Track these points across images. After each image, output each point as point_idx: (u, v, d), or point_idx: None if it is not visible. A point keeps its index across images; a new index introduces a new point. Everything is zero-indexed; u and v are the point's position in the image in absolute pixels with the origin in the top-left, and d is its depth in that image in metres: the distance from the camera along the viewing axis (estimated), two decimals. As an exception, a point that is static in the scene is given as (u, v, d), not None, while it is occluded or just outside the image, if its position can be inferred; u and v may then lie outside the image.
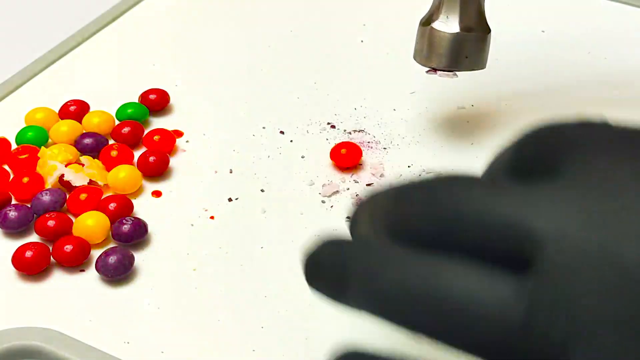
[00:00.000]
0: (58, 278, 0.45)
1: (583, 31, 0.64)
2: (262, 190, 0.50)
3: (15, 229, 0.47)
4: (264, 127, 0.55)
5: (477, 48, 0.51)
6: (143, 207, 0.49)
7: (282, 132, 0.54)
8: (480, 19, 0.51)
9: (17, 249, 0.45)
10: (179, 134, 0.55)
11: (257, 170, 0.52)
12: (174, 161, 0.52)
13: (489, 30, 0.51)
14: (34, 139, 0.52)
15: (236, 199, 0.50)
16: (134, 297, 0.44)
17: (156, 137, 0.53)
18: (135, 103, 0.56)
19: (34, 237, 0.47)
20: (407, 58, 0.51)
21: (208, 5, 0.67)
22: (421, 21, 0.51)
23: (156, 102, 0.56)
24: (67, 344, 0.41)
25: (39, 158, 0.51)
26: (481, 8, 0.51)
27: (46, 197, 0.48)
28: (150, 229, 0.47)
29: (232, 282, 0.45)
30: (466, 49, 0.50)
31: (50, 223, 0.46)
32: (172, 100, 0.57)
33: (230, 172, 0.51)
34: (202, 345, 0.42)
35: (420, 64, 0.51)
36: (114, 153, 0.51)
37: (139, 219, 0.47)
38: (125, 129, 0.53)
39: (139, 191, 0.50)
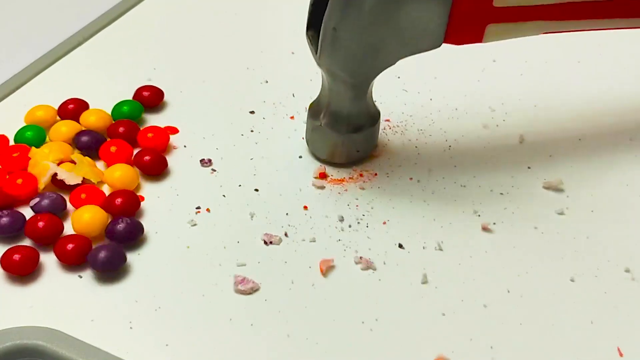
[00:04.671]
0: (59, 278, 0.44)
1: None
2: (256, 190, 0.49)
3: (7, 234, 0.45)
4: (253, 127, 0.54)
5: (367, 140, 0.50)
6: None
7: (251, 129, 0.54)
8: (368, 111, 0.49)
9: (5, 252, 0.44)
10: (173, 130, 0.54)
11: (252, 168, 0.51)
12: (167, 159, 0.51)
13: (379, 115, 0.50)
14: (32, 139, 0.51)
15: (224, 196, 0.49)
16: (134, 295, 0.43)
17: (150, 135, 0.52)
18: (130, 101, 0.55)
19: (28, 241, 0.46)
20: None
21: (205, 6, 0.67)
22: (311, 106, 0.50)
23: (150, 99, 0.55)
24: (68, 343, 0.40)
25: (30, 158, 0.49)
26: (368, 100, 0.49)
27: (45, 202, 0.47)
28: (147, 227, 0.46)
29: (231, 279, 0.44)
30: (356, 145, 0.50)
31: (40, 225, 0.45)
32: (169, 99, 0.56)
33: (214, 171, 0.51)
34: (202, 341, 0.41)
35: (314, 154, 0.51)
36: (113, 149, 0.50)
37: (134, 220, 0.46)
38: (121, 128, 0.52)
39: (135, 189, 0.49)
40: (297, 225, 0.47)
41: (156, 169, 0.50)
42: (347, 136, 0.49)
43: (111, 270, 0.44)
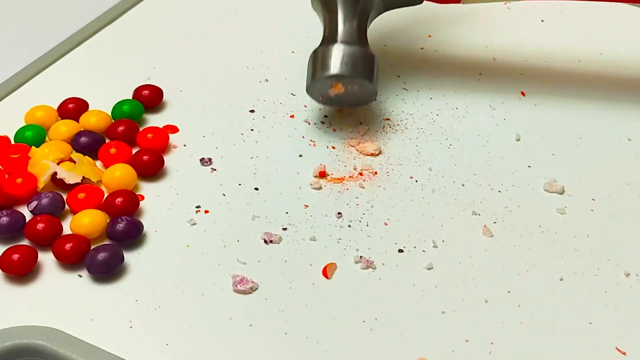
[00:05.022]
0: (59, 277, 0.44)
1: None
2: (256, 189, 0.49)
3: (6, 235, 0.45)
4: (253, 126, 0.54)
5: (359, 60, 0.50)
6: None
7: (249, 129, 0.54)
8: (361, 41, 0.51)
9: (3, 252, 0.44)
10: (173, 129, 0.54)
11: (252, 167, 0.51)
12: (167, 159, 0.51)
13: (373, 54, 0.51)
14: (32, 138, 0.51)
15: (224, 195, 0.49)
16: (134, 295, 0.43)
17: (149, 135, 0.51)
18: (130, 100, 0.54)
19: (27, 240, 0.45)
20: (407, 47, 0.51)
21: (205, 6, 0.66)
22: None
23: (149, 98, 0.55)
24: (68, 342, 0.40)
25: (30, 158, 0.49)
26: (362, 27, 0.52)
27: (45, 201, 0.47)
28: (147, 226, 0.46)
29: (231, 279, 0.44)
30: (347, 58, 0.50)
31: (40, 226, 0.45)
32: (169, 99, 0.56)
33: (214, 170, 0.51)
34: (202, 340, 0.41)
35: (312, 91, 0.52)
36: (112, 151, 0.50)
37: (134, 219, 0.46)
38: (121, 127, 0.52)
39: (133, 189, 0.49)
40: (297, 224, 0.47)
41: (153, 169, 0.50)
42: (337, 45, 0.50)
43: (106, 273, 0.43)
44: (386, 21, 0.60)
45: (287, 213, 0.47)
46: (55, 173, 0.48)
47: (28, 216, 0.46)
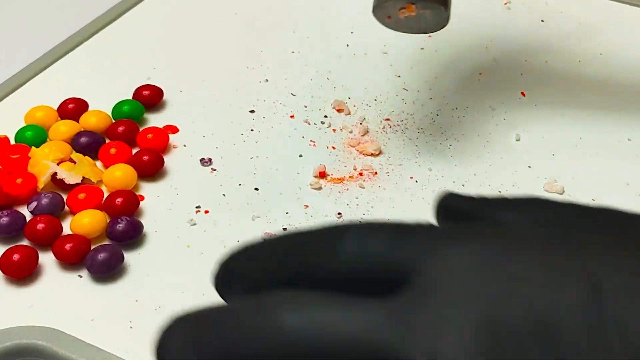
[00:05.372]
0: (59, 278, 0.44)
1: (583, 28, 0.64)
2: (256, 189, 0.49)
3: (6, 234, 0.45)
4: (253, 126, 0.54)
5: None
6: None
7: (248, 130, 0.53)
8: None
9: (4, 253, 0.43)
10: (173, 129, 0.54)
11: (252, 167, 0.51)
12: (167, 159, 0.51)
13: None
14: (32, 138, 0.51)
15: (224, 195, 0.49)
16: (134, 295, 0.43)
17: (149, 135, 0.51)
18: (130, 100, 0.54)
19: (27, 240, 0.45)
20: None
21: (205, 6, 0.66)
22: None
23: (149, 98, 0.55)
24: (68, 343, 0.40)
25: (30, 158, 0.49)
26: None
27: (45, 201, 0.46)
28: (147, 226, 0.46)
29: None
30: None
31: (40, 227, 0.45)
32: (169, 99, 0.56)
33: (214, 170, 0.51)
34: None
35: (379, 12, 0.47)
36: (112, 151, 0.50)
37: (134, 219, 0.46)
38: (121, 128, 0.52)
39: (133, 190, 0.49)
40: (297, 224, 0.47)
41: (153, 169, 0.50)
42: None
43: (106, 273, 0.43)
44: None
45: (287, 213, 0.47)
46: (55, 173, 0.48)
47: (28, 216, 0.46)
